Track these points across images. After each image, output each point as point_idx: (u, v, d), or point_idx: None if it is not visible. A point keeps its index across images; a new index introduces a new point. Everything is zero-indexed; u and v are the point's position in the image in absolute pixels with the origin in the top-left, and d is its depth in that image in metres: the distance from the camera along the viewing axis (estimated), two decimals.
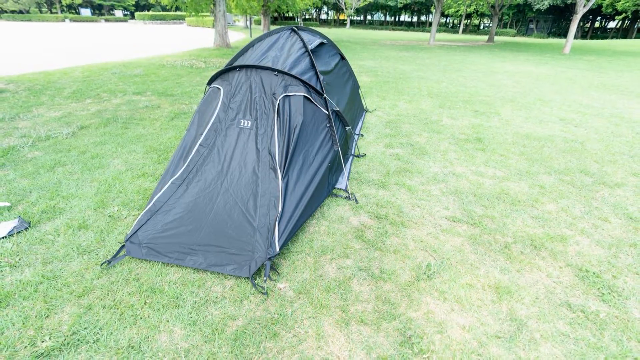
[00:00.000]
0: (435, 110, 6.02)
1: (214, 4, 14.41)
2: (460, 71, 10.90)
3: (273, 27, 23.44)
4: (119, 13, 59.23)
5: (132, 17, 60.94)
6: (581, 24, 42.78)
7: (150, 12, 54.65)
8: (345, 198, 2.96)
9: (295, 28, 3.41)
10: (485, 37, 35.11)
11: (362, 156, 3.87)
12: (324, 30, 36.80)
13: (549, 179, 3.49)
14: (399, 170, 3.57)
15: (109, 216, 2.59)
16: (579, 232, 2.63)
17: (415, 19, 59.86)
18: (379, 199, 2.98)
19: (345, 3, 47.48)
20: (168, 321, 1.74)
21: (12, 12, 51.88)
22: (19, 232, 2.36)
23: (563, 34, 41.37)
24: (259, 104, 2.59)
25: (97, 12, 60.59)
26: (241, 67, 2.69)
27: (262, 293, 1.92)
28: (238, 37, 23.53)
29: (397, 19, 60.97)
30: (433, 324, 1.78)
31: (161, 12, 54.46)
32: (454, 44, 23.90)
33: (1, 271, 2.02)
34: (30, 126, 4.52)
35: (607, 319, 1.85)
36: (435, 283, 2.06)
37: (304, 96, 2.69)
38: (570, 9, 37.64)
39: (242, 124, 2.57)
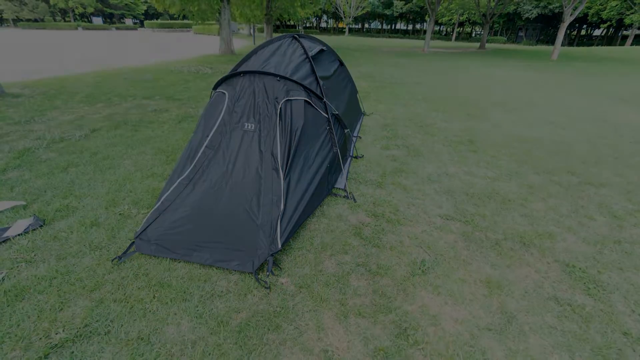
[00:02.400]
0: (429, 114, 6.01)
1: (219, 13, 14.43)
2: (454, 77, 10.90)
3: (275, 35, 23.41)
4: (129, 21, 59.15)
5: (142, 25, 60.92)
6: (568, 31, 42.80)
7: (159, 21, 54.57)
8: (344, 197, 2.96)
9: (296, 35, 3.41)
10: (477, 44, 35.06)
11: (360, 157, 3.87)
12: (323, 37, 36.76)
13: (537, 179, 3.49)
14: (395, 170, 3.57)
15: (120, 214, 2.59)
16: (566, 229, 2.63)
17: (410, 27, 59.87)
18: (376, 198, 2.98)
19: (344, 12, 47.44)
20: (176, 314, 1.74)
21: (28, 20, 51.89)
22: (34, 229, 2.36)
23: (551, 41, 41.35)
24: (262, 108, 2.59)
25: (108, 20, 60.57)
26: (245, 72, 2.69)
27: (265, 287, 1.92)
28: (242, 44, 23.52)
29: (393, 27, 60.92)
30: (427, 317, 1.78)
31: (169, 21, 54.39)
32: (448, 51, 23.89)
33: (17, 267, 2.02)
34: (45, 129, 4.52)
35: (593, 312, 1.85)
36: (430, 278, 2.06)
37: (305, 100, 2.69)
38: (557, 18, 37.64)
39: (246, 126, 2.57)
